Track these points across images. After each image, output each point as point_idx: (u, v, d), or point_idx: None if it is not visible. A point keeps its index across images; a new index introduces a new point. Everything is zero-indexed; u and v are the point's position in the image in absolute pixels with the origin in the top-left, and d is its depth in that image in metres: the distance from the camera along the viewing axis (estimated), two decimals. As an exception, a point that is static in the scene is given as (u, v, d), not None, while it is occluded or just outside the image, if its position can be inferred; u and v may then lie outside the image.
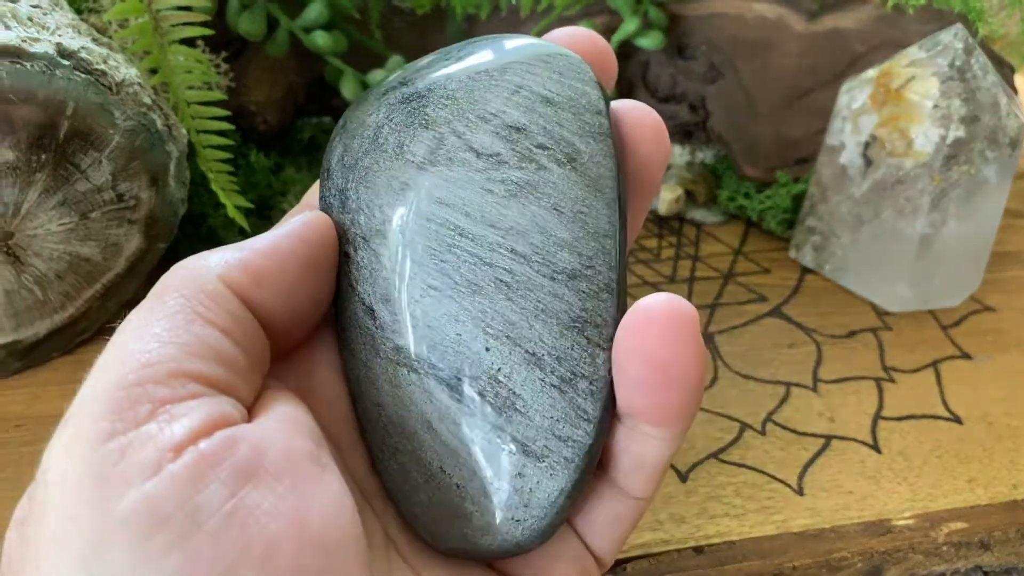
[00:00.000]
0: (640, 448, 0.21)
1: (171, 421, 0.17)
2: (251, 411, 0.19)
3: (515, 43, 0.23)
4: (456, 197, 0.21)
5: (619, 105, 0.23)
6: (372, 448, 0.22)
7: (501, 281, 0.21)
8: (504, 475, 0.21)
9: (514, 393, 0.20)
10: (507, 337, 0.20)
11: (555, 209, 0.21)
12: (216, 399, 0.18)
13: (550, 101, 0.22)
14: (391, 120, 0.22)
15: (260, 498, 0.17)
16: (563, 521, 0.21)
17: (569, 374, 0.21)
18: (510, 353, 0.20)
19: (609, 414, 0.21)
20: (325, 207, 0.23)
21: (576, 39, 0.24)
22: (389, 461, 0.22)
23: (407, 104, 0.22)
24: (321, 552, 0.17)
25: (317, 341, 0.23)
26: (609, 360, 0.21)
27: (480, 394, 0.20)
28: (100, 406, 0.17)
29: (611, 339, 0.21)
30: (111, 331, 0.19)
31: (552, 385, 0.20)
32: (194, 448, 0.17)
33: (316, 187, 0.25)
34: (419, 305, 0.21)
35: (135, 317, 0.19)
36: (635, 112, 0.23)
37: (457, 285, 0.21)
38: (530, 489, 0.21)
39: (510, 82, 0.22)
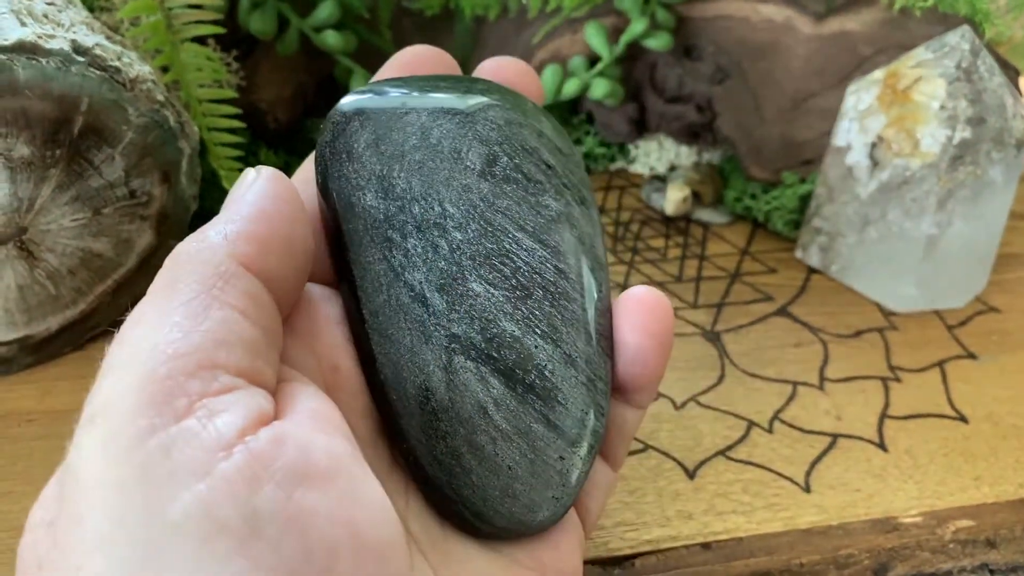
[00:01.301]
0: (623, 419, 0.26)
1: (212, 417, 0.17)
2: (276, 398, 0.19)
3: (510, 93, 0.26)
4: (514, 211, 0.24)
5: None
6: (410, 434, 0.22)
7: (547, 291, 0.23)
8: (549, 458, 0.23)
9: (556, 387, 0.23)
10: (551, 339, 0.23)
11: (580, 239, 0.25)
12: (250, 391, 0.18)
13: (561, 151, 0.26)
14: (439, 125, 0.24)
15: (315, 502, 0.16)
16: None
17: (593, 375, 0.24)
18: (553, 352, 0.23)
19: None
20: (346, 186, 0.23)
21: (505, 67, 0.27)
22: (436, 444, 0.22)
23: (452, 115, 0.24)
24: (376, 558, 0.17)
25: (336, 332, 0.23)
26: (611, 368, 0.25)
27: (531, 386, 0.23)
28: (133, 402, 0.16)
29: (612, 349, 0.25)
30: (120, 327, 0.19)
31: (582, 383, 0.23)
32: (243, 447, 0.16)
33: (306, 166, 0.25)
34: (479, 299, 0.23)
35: (148, 309, 0.18)
36: None
37: (514, 288, 0.23)
38: (567, 470, 0.23)
39: (533, 127, 0.25)
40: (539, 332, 0.23)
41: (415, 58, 0.27)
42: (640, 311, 0.24)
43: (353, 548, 0.17)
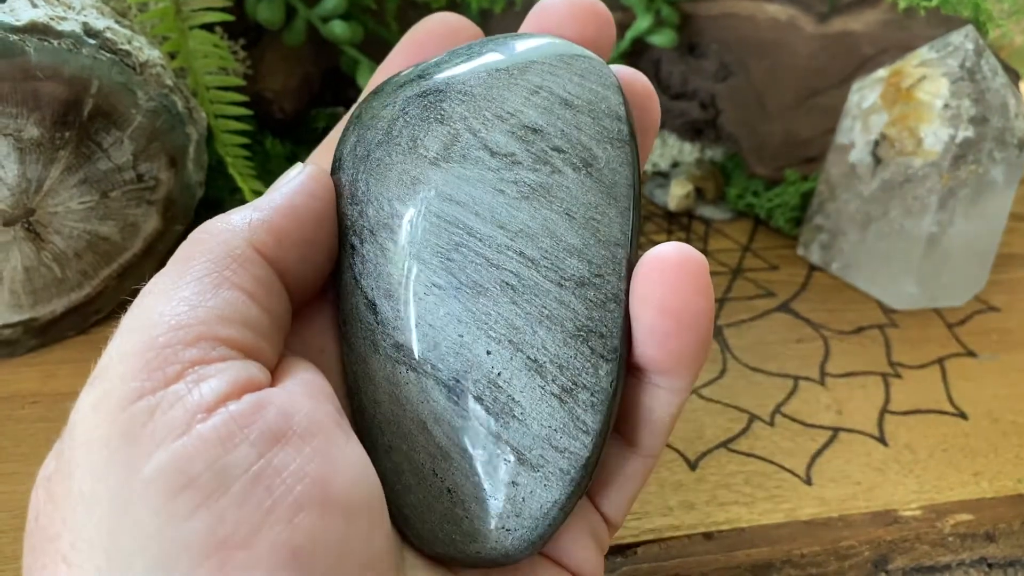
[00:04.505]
0: (651, 401, 0.22)
1: (199, 382, 0.17)
2: (274, 373, 0.19)
3: (536, 42, 0.23)
4: (467, 195, 0.21)
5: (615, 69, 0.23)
6: (364, 444, 0.21)
7: (507, 284, 0.20)
8: (497, 482, 0.20)
9: (513, 399, 0.20)
10: (509, 342, 0.20)
11: (567, 214, 0.21)
12: (243, 363, 0.18)
13: (569, 104, 0.22)
14: (406, 113, 0.22)
15: (287, 460, 0.17)
16: (555, 532, 0.21)
17: (570, 384, 0.20)
18: (511, 358, 0.20)
19: (609, 426, 0.21)
20: (336, 196, 0.23)
21: (576, 5, 0.24)
22: (382, 459, 0.21)
23: (423, 98, 0.22)
24: (344, 515, 0.17)
25: (327, 316, 0.23)
26: (612, 372, 0.21)
27: (478, 398, 0.20)
28: (129, 366, 0.17)
29: (616, 350, 0.21)
30: (126, 310, 0.19)
31: (552, 394, 0.20)
32: (224, 409, 0.17)
33: (319, 153, 0.25)
34: (422, 303, 0.21)
35: (161, 281, 0.19)
36: (626, 75, 0.23)
37: (462, 285, 0.20)
38: (523, 498, 0.20)
39: (529, 82, 0.22)
40: (493, 335, 0.20)
41: (429, 35, 0.25)
42: (657, 279, 0.20)
43: (319, 504, 0.17)
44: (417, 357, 0.21)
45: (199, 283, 0.19)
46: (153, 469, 0.16)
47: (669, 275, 0.20)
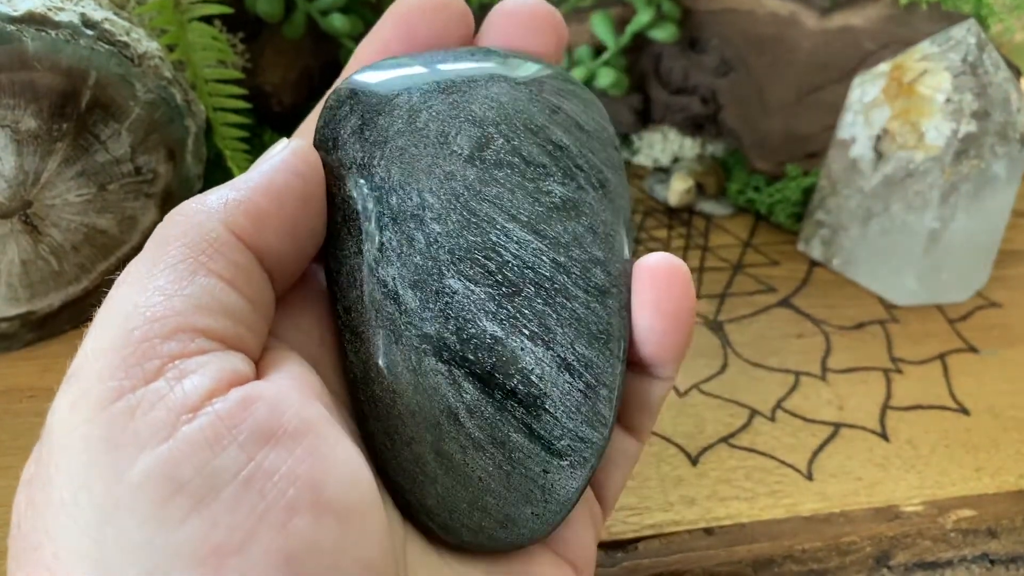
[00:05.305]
0: (648, 390, 0.24)
1: (181, 378, 0.16)
2: (259, 364, 0.19)
3: (533, 63, 0.24)
4: (506, 199, 0.22)
5: None
6: (376, 435, 0.22)
7: (542, 287, 0.22)
8: (529, 471, 0.21)
9: (544, 394, 0.21)
10: (542, 341, 0.21)
11: (591, 229, 0.22)
12: (225, 354, 0.17)
13: (583, 128, 0.23)
14: (429, 107, 0.22)
15: (278, 461, 0.16)
16: (568, 514, 0.22)
17: (594, 381, 0.22)
18: (544, 356, 0.21)
19: (616, 417, 0.23)
20: (329, 176, 0.22)
21: (518, 13, 0.24)
22: (400, 450, 0.21)
23: (447, 95, 0.22)
24: (338, 518, 0.17)
25: (326, 305, 0.23)
26: (623, 370, 0.23)
27: (511, 392, 0.21)
28: (105, 363, 0.16)
29: (626, 351, 0.23)
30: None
31: (579, 390, 0.22)
32: (210, 408, 0.16)
33: (304, 129, 0.24)
34: (456, 297, 0.21)
35: (136, 269, 0.18)
36: None
37: (499, 284, 0.21)
38: (552, 485, 0.22)
39: (548, 102, 0.23)
40: (527, 333, 0.21)
41: (413, 10, 0.23)
42: (652, 286, 0.22)
43: (312, 507, 0.16)
44: (448, 349, 0.21)
45: (174, 270, 0.18)
46: (139, 475, 0.15)
47: (662, 282, 0.22)
